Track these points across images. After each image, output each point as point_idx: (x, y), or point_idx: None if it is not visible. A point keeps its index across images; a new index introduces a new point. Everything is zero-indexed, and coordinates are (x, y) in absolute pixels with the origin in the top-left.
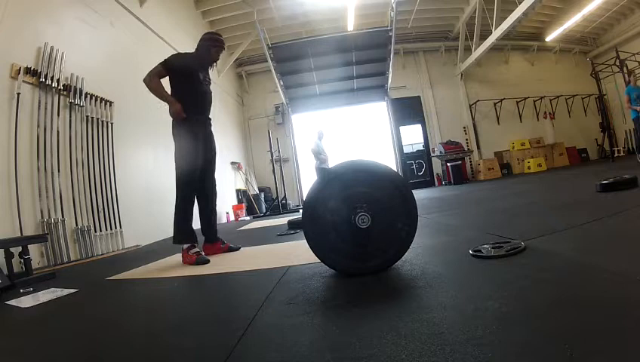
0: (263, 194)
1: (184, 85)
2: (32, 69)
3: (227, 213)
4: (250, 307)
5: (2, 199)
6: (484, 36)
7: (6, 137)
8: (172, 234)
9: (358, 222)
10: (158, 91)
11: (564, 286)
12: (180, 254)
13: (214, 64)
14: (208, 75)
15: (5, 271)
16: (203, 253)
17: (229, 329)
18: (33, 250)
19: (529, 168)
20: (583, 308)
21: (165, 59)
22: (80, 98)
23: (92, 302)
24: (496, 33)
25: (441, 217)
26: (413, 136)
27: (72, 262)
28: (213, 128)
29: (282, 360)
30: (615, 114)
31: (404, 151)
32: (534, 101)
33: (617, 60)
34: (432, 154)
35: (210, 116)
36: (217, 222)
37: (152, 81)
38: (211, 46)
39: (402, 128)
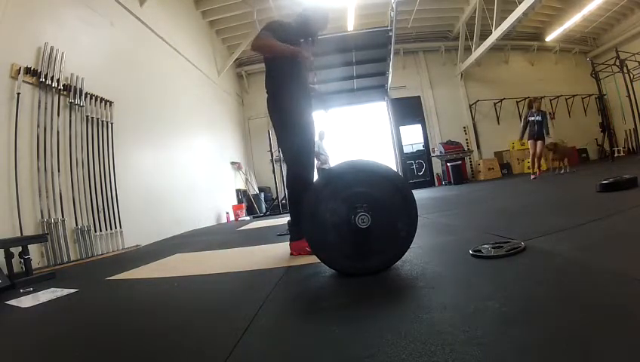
0: (263, 194)
1: (285, 58)
2: (32, 69)
3: (227, 213)
4: (251, 307)
5: (2, 199)
6: (484, 36)
7: (6, 137)
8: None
9: (358, 222)
10: (272, 47)
11: (564, 286)
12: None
13: (309, 40)
14: None
15: (5, 271)
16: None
17: (230, 329)
18: (33, 249)
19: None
20: (583, 308)
21: (266, 26)
22: (80, 98)
23: (92, 302)
24: (496, 33)
25: (441, 217)
26: (413, 136)
27: (72, 262)
28: (212, 129)
29: (282, 360)
30: (615, 114)
31: (404, 151)
32: None
33: (617, 60)
34: (432, 154)
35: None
36: (217, 222)
37: (262, 40)
38: (315, 19)
39: (402, 128)
